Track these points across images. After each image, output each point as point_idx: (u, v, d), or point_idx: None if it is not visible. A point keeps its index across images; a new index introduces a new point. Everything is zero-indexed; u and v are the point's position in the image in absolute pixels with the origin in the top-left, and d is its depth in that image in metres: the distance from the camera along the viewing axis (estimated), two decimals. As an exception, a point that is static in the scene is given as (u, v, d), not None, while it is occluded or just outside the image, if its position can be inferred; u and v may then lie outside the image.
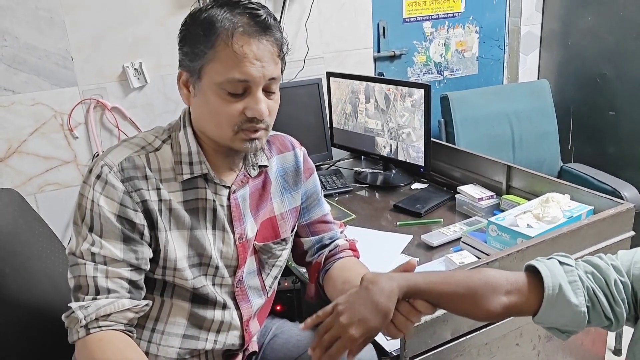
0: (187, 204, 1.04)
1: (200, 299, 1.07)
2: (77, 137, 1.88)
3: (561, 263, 0.91)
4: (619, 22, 2.36)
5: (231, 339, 1.13)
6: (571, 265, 0.91)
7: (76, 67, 1.82)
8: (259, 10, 0.97)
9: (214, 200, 1.06)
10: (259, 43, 0.95)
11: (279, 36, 0.99)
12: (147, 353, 1.07)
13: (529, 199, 1.58)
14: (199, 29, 0.97)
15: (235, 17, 0.95)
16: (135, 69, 1.89)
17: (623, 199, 1.61)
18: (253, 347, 1.21)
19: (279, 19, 2.04)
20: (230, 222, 1.08)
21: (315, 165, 1.35)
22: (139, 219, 0.99)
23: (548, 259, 0.93)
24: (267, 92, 1.00)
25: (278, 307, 1.56)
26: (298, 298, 1.58)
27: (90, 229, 0.97)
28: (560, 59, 2.67)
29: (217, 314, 1.09)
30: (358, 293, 0.91)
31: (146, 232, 1.00)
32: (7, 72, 1.74)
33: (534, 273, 0.91)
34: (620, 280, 0.88)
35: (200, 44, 0.96)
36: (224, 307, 1.10)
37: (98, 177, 0.98)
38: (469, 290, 0.89)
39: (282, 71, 1.05)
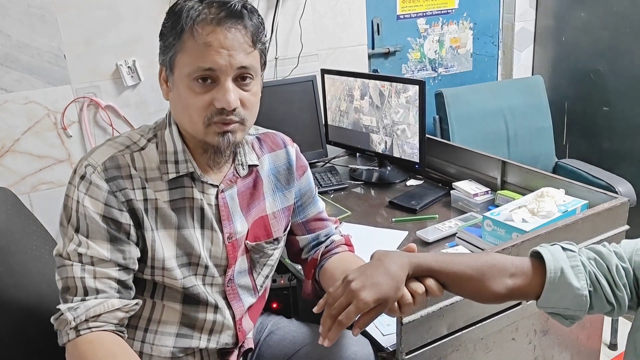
0: (174, 203, 1.03)
1: (191, 299, 1.07)
2: (71, 136, 1.87)
3: (564, 249, 0.93)
4: (613, 17, 2.36)
5: (225, 338, 1.13)
6: (574, 251, 0.92)
7: (69, 65, 1.81)
8: None
9: (201, 200, 1.05)
10: (226, 32, 0.94)
11: (250, 24, 0.97)
12: (141, 353, 1.06)
13: (523, 194, 1.58)
14: (169, 22, 0.97)
15: (203, 6, 0.94)
16: (128, 66, 1.88)
17: (617, 194, 1.62)
18: (249, 344, 1.21)
19: (272, 16, 2.05)
20: (219, 222, 1.07)
21: (310, 163, 1.34)
22: (125, 218, 0.98)
23: (552, 245, 0.95)
24: (242, 83, 0.98)
25: (274, 305, 1.56)
26: (294, 295, 1.58)
27: (77, 230, 0.97)
28: (554, 55, 2.68)
29: (209, 314, 1.09)
30: (369, 264, 0.92)
31: (132, 231, 0.99)
32: (0, 71, 1.73)
33: (537, 258, 0.93)
34: (622, 266, 0.90)
35: (170, 36, 0.96)
36: (216, 307, 1.09)
37: (82, 177, 0.97)
38: (476, 271, 0.91)
39: (264, 63, 1.03)
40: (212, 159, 1.04)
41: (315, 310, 0.93)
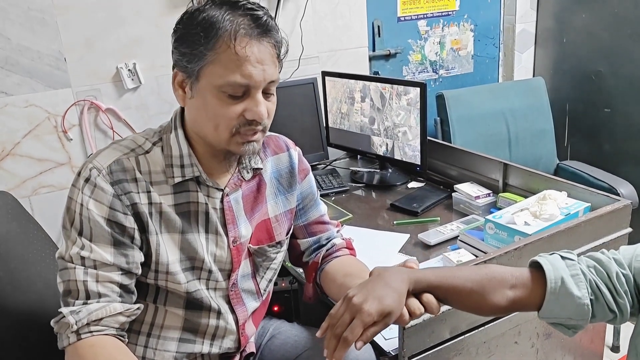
0: (179, 207, 1.03)
1: (194, 305, 1.06)
2: (72, 139, 1.87)
3: (563, 258, 0.93)
4: (614, 19, 2.36)
5: (227, 342, 1.12)
6: (573, 260, 0.92)
7: (69, 68, 1.81)
8: (258, 11, 0.96)
9: (206, 204, 1.05)
10: (259, 45, 0.94)
11: (279, 38, 0.99)
12: (143, 358, 1.06)
13: (525, 197, 1.57)
14: (198, 29, 0.94)
15: (236, 18, 0.93)
16: (129, 69, 1.88)
17: (619, 196, 1.61)
18: (250, 348, 1.20)
19: (273, 18, 2.05)
20: (224, 225, 1.07)
21: (312, 165, 1.34)
22: (129, 222, 0.98)
23: (550, 254, 0.94)
24: (266, 94, 0.99)
25: (275, 308, 1.56)
26: (295, 299, 1.58)
27: (80, 233, 0.96)
28: (556, 56, 2.67)
29: (212, 320, 1.08)
30: (369, 280, 0.91)
31: (137, 235, 0.99)
32: (0, 74, 1.73)
33: (536, 269, 0.92)
34: (622, 273, 0.89)
35: (200, 45, 0.93)
36: (219, 312, 1.09)
37: (87, 180, 0.97)
38: (477, 284, 0.90)
39: (280, 72, 1.04)
40: (226, 164, 1.06)
41: (318, 334, 0.90)
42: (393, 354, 1.15)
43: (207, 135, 1.01)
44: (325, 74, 2.14)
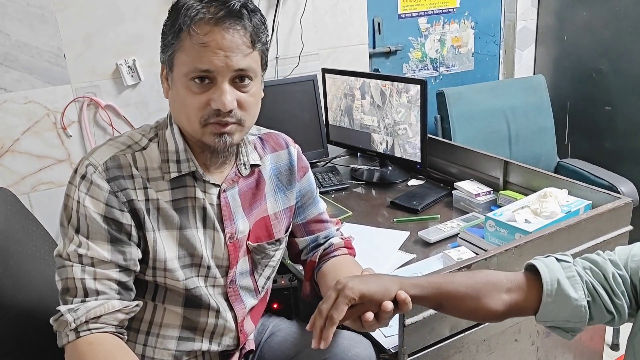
0: (176, 203, 1.02)
1: (193, 302, 1.06)
2: (71, 136, 1.86)
3: (559, 260, 0.92)
4: (615, 16, 2.35)
5: (226, 340, 1.12)
6: (569, 262, 0.91)
7: (69, 64, 1.80)
8: None
9: (203, 199, 1.04)
10: (224, 32, 0.92)
11: (249, 25, 0.95)
12: (143, 356, 1.06)
13: (526, 195, 1.57)
14: (169, 20, 0.97)
15: (202, 5, 0.93)
16: (128, 66, 1.88)
17: (620, 194, 1.61)
18: (250, 345, 1.20)
19: (273, 15, 2.04)
20: (221, 221, 1.06)
21: (311, 163, 1.34)
22: (126, 219, 0.97)
23: (546, 257, 0.94)
24: (239, 85, 0.97)
25: (275, 305, 1.55)
26: (295, 296, 1.57)
27: (77, 230, 0.96)
28: (556, 54, 2.67)
29: (210, 318, 1.08)
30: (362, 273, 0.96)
31: (134, 232, 0.98)
32: (-1, 70, 1.72)
33: (532, 272, 0.92)
34: (619, 274, 0.89)
35: (168, 34, 0.96)
36: (218, 310, 1.08)
37: (83, 177, 0.96)
38: (471, 289, 0.89)
39: (265, 63, 1.02)
40: (209, 158, 1.04)
41: (307, 327, 0.90)
42: (393, 351, 1.14)
43: (183, 126, 1.01)
44: (325, 71, 2.14)
